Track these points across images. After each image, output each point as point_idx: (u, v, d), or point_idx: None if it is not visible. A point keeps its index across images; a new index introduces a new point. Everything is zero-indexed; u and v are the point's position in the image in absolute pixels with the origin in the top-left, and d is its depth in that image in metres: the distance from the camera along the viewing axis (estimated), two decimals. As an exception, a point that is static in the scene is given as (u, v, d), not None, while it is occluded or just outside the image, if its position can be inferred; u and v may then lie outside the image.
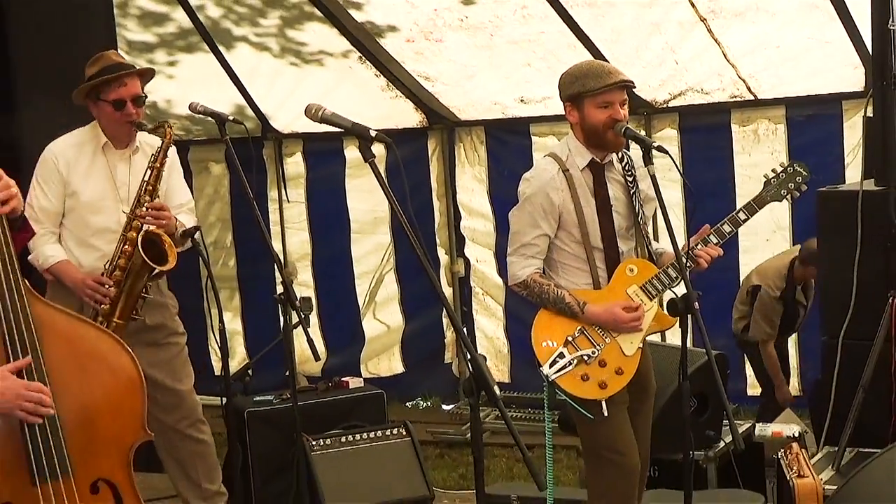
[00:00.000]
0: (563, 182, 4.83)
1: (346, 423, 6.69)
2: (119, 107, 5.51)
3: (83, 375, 3.97)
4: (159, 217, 5.38)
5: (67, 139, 5.67)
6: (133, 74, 5.56)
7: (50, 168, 5.57)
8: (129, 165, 5.61)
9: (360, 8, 8.53)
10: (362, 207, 9.46)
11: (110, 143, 5.62)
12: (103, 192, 5.59)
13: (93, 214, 5.59)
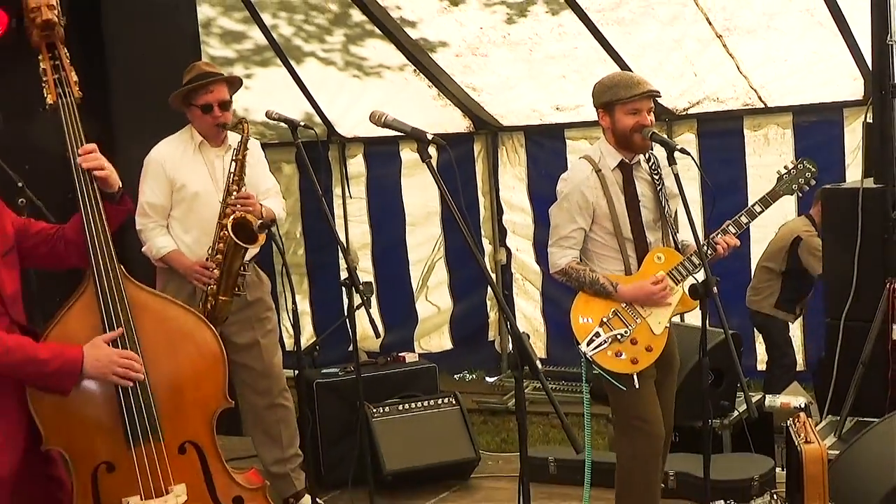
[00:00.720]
0: (596, 181, 4.83)
1: (403, 393, 6.69)
2: (207, 110, 5.54)
3: (171, 350, 3.99)
4: (246, 205, 5.42)
5: (168, 142, 5.72)
6: (220, 81, 5.59)
7: (156, 168, 5.62)
8: (223, 161, 5.63)
9: (415, 26, 8.54)
10: (416, 202, 9.48)
11: (206, 142, 5.65)
12: (203, 185, 5.63)
13: (195, 205, 5.62)
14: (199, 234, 5.63)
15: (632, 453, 4.90)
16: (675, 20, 7.75)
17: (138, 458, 3.82)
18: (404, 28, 8.55)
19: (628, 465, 4.93)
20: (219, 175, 5.63)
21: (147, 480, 3.83)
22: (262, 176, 5.88)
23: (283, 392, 5.90)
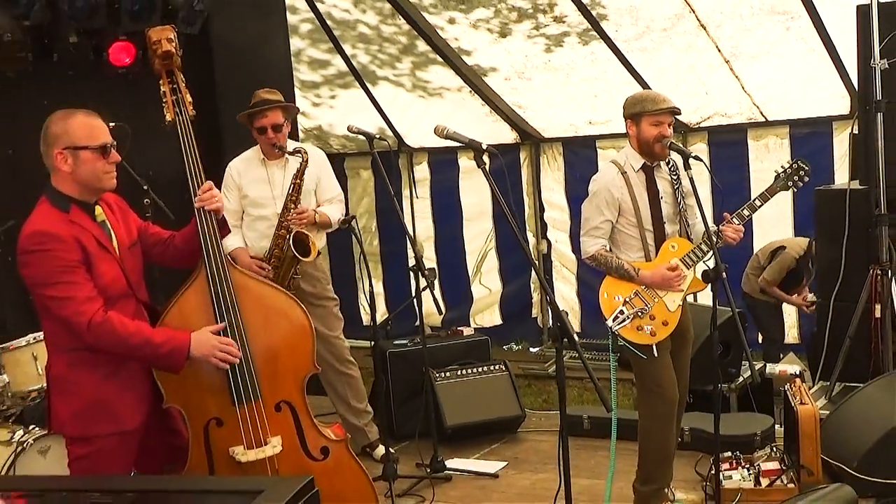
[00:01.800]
0: (622, 181, 4.82)
1: (461, 360, 6.71)
2: (261, 132, 5.61)
3: (269, 324, 4.02)
4: (301, 219, 5.46)
5: (242, 157, 5.87)
6: (274, 108, 5.60)
7: (228, 179, 5.72)
8: (283, 172, 5.66)
9: (470, 54, 8.53)
10: (471, 202, 9.47)
11: (266, 157, 5.70)
12: (262, 191, 5.69)
13: (257, 208, 5.70)
14: (258, 232, 5.73)
15: (650, 413, 4.91)
16: (690, 48, 7.69)
17: (242, 415, 3.85)
18: (461, 56, 8.55)
19: (648, 422, 4.93)
20: (277, 183, 5.68)
21: (249, 433, 3.86)
22: (328, 186, 5.89)
23: (346, 362, 5.96)
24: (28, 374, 5.22)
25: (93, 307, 3.53)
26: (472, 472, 5.95)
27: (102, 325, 3.53)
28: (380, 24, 8.60)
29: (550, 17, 7.96)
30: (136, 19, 6.67)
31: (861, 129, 5.99)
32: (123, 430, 3.69)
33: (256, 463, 3.85)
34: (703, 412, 5.62)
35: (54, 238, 3.55)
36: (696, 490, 5.26)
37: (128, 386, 3.72)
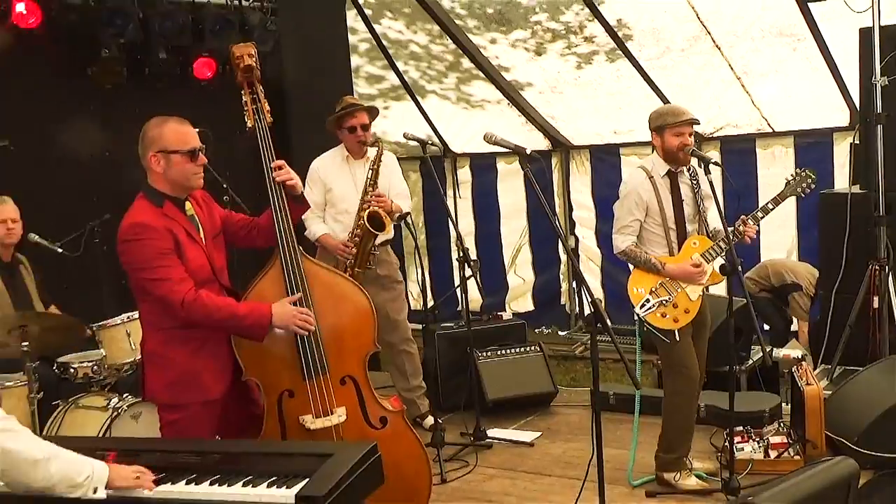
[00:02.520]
0: (649, 185, 4.81)
1: (500, 342, 6.69)
2: (352, 131, 5.63)
3: (336, 308, 4.03)
4: (379, 202, 5.46)
5: (325, 155, 5.85)
6: (362, 110, 5.65)
7: (314, 175, 5.74)
8: (363, 170, 5.67)
9: (509, 71, 8.49)
10: (508, 202, 9.42)
11: (350, 156, 5.70)
12: (347, 186, 5.71)
13: (341, 201, 5.70)
14: (342, 224, 5.72)
15: (674, 390, 4.90)
16: (706, 66, 7.61)
17: (311, 388, 3.86)
18: (501, 72, 8.50)
19: (672, 398, 4.91)
20: (358, 181, 5.70)
21: (317, 404, 3.87)
22: (396, 182, 5.91)
23: (407, 340, 5.97)
24: (122, 348, 5.24)
25: (185, 287, 3.57)
26: (510, 440, 5.94)
27: (194, 302, 3.56)
28: (429, 43, 8.58)
29: (581, 38, 7.91)
30: (217, 38, 6.72)
31: (862, 140, 5.93)
32: (208, 399, 3.71)
33: (323, 430, 3.86)
34: (716, 390, 5.55)
35: (150, 229, 3.58)
36: (711, 460, 5.21)
37: (212, 360, 3.74)
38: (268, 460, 3.15)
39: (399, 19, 8.48)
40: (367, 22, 8.48)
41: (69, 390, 5.27)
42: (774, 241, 7.85)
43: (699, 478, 4.94)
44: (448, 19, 8.14)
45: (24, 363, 4.76)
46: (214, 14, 6.72)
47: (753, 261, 7.77)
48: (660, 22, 7.45)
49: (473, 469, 5.50)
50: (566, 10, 7.74)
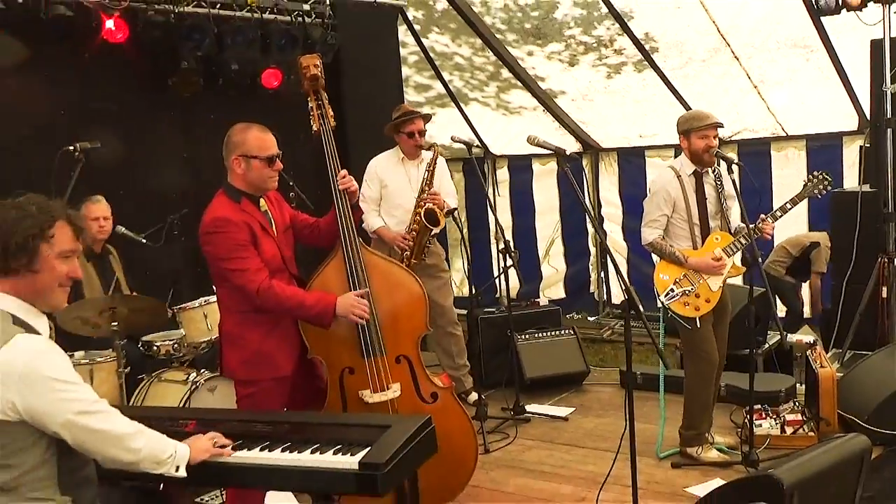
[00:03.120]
0: (677, 183, 4.75)
1: (538, 325, 6.67)
2: (410, 136, 5.60)
3: (392, 294, 4.04)
4: (433, 199, 5.44)
5: (381, 156, 5.85)
6: (419, 117, 5.63)
7: (371, 173, 5.73)
8: (417, 171, 5.65)
9: (544, 80, 8.43)
10: (542, 199, 9.37)
11: (406, 158, 5.69)
12: (402, 184, 5.70)
13: (395, 197, 5.70)
14: (396, 218, 5.71)
15: (694, 371, 4.85)
16: (725, 75, 7.50)
17: (369, 365, 3.87)
18: (537, 81, 8.44)
19: (692, 379, 4.87)
20: (412, 180, 5.71)
21: (375, 380, 3.87)
22: (446, 183, 5.90)
23: (453, 323, 5.95)
24: (199, 329, 5.28)
25: (261, 276, 3.59)
26: (546, 415, 5.92)
27: (268, 290, 3.58)
28: (472, 55, 8.54)
29: (611, 50, 7.83)
30: (282, 51, 6.73)
31: (872, 142, 5.83)
32: (279, 375, 3.73)
33: (380, 404, 3.86)
34: (736, 372, 5.49)
35: (230, 222, 3.60)
36: (731, 435, 5.15)
37: (283, 341, 3.76)
38: (333, 430, 3.15)
39: (445, 34, 8.44)
40: (416, 36, 8.46)
41: (152, 366, 5.33)
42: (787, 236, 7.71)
43: (720, 451, 4.89)
44: (489, 33, 8.10)
45: (114, 341, 4.83)
46: (280, 29, 6.73)
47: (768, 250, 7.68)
48: (683, 35, 7.36)
49: (514, 440, 5.50)
50: (598, 24, 7.66)
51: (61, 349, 2.57)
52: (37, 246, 2.52)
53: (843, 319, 5.83)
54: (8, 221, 2.50)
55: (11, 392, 2.42)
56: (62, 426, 2.49)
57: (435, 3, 8.14)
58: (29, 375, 2.43)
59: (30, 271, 2.52)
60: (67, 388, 2.49)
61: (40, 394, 2.45)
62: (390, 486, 2.90)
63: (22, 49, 5.59)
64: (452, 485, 4.09)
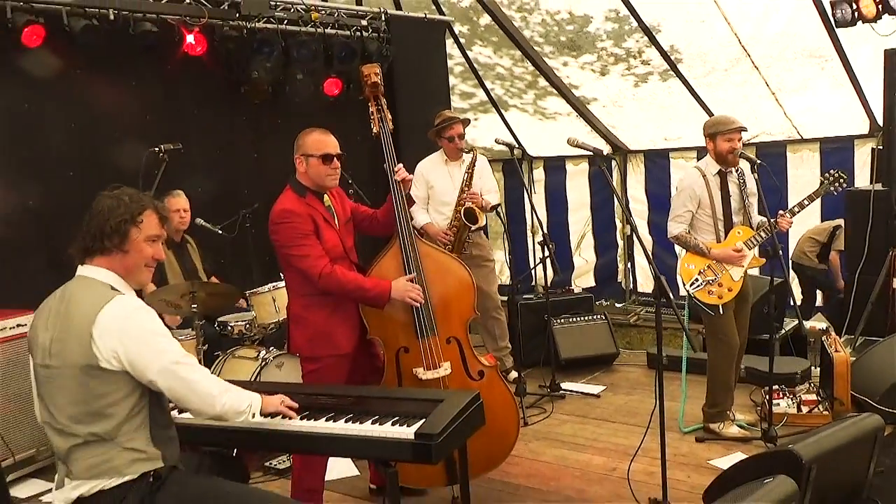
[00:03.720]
0: (702, 182, 4.66)
1: (572, 311, 6.61)
2: (451, 140, 5.58)
3: (443, 281, 4.01)
4: (472, 199, 5.41)
5: (427, 159, 5.86)
6: (458, 122, 5.60)
7: (419, 175, 5.73)
8: (459, 171, 5.62)
9: (578, 88, 8.32)
10: (574, 197, 9.24)
11: (448, 159, 5.66)
12: (446, 184, 5.68)
13: (441, 195, 5.68)
14: (443, 215, 5.70)
15: (717, 354, 4.75)
16: (745, 83, 7.34)
17: (423, 345, 3.84)
18: (571, 89, 8.34)
19: (714, 362, 4.77)
20: (455, 179, 5.68)
21: (428, 359, 3.85)
22: (487, 181, 5.85)
23: (497, 308, 5.90)
24: (268, 311, 5.30)
25: (323, 262, 3.59)
26: (580, 392, 5.86)
27: (330, 275, 3.58)
28: (512, 66, 8.46)
29: (639, 61, 7.70)
30: (342, 62, 6.73)
31: (885, 144, 5.67)
32: (340, 353, 3.73)
33: (432, 381, 3.84)
34: (755, 355, 5.38)
35: (295, 214, 3.61)
36: (751, 413, 5.06)
37: (344, 322, 3.76)
38: (391, 403, 3.14)
39: (488, 46, 8.38)
40: (462, 48, 8.41)
41: (227, 344, 5.36)
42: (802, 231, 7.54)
43: (741, 427, 4.80)
44: (528, 46, 8.02)
45: (193, 322, 4.86)
46: (341, 43, 6.73)
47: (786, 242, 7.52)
48: (707, 47, 7.22)
49: (550, 415, 5.45)
50: (628, 37, 7.55)
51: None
52: (128, 230, 2.64)
53: (854, 308, 5.68)
54: (105, 209, 2.64)
55: (115, 342, 2.51)
56: (159, 373, 2.56)
57: (479, 18, 8.09)
58: (130, 328, 2.53)
59: (121, 251, 2.64)
60: (162, 341, 2.59)
61: (140, 344, 2.53)
62: (443, 454, 2.88)
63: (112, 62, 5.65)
64: (496, 454, 4.05)
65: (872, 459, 3.64)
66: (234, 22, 6.08)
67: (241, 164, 6.68)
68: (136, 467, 2.57)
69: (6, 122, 5.26)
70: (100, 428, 2.54)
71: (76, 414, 2.54)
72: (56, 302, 2.65)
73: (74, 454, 2.56)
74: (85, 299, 2.57)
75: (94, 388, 2.52)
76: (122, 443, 2.56)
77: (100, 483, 2.55)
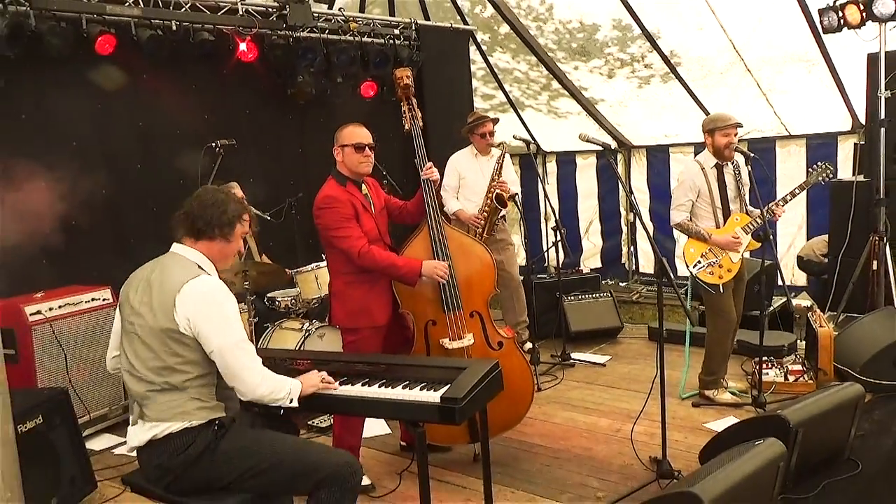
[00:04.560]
0: (701, 174, 4.56)
1: (581, 289, 6.54)
2: (482, 136, 5.49)
3: (467, 262, 3.97)
4: (501, 187, 5.34)
5: (459, 153, 5.80)
6: (489, 120, 5.52)
7: (452, 167, 5.67)
8: (488, 163, 5.56)
9: (587, 90, 8.18)
10: (583, 188, 9.08)
11: (479, 153, 5.60)
12: (476, 175, 5.61)
13: (471, 186, 5.62)
14: (474, 202, 5.61)
15: (714, 328, 4.68)
16: (739, 85, 7.17)
17: (449, 318, 3.81)
18: (581, 91, 8.20)
19: (713, 335, 4.69)
20: (484, 171, 5.61)
21: (453, 330, 3.82)
22: (512, 173, 5.79)
23: (517, 286, 5.82)
24: (311, 287, 5.30)
25: (361, 242, 3.56)
26: (588, 361, 5.80)
27: (367, 253, 3.56)
28: (528, 70, 8.35)
29: (643, 65, 7.56)
30: (378, 67, 6.67)
31: (867, 139, 5.50)
32: (376, 325, 3.70)
33: (457, 350, 3.80)
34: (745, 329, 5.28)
35: (337, 200, 3.58)
36: (742, 381, 4.98)
37: (379, 297, 3.73)
38: (420, 371, 3.11)
39: (507, 52, 8.27)
40: (483, 55, 8.31)
41: (275, 317, 5.37)
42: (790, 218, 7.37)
43: (733, 394, 4.72)
44: (543, 52, 7.90)
45: (246, 297, 4.86)
46: (376, 50, 6.67)
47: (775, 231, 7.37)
48: (704, 52, 7.07)
49: (561, 381, 5.40)
50: (631, 43, 7.41)
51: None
52: (235, 224, 2.76)
53: (837, 288, 5.54)
54: (219, 201, 2.74)
55: (190, 311, 2.57)
56: (217, 349, 2.59)
57: (499, 27, 7.98)
58: (206, 302, 2.58)
59: (225, 240, 2.75)
60: (231, 322, 2.62)
61: (210, 320, 2.58)
62: (465, 416, 2.85)
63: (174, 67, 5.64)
64: (513, 416, 4.02)
65: (853, 424, 3.57)
66: (282, 32, 6.04)
67: (287, 157, 6.65)
68: (203, 414, 2.63)
69: (83, 120, 5.27)
70: (174, 379, 2.61)
71: (154, 367, 2.61)
72: (148, 271, 2.72)
73: (150, 398, 2.62)
74: (174, 272, 2.63)
75: (173, 348, 2.59)
76: (191, 393, 2.63)
77: (170, 426, 2.61)
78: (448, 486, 3.81)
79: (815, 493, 3.27)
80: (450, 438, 3.97)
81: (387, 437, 4.50)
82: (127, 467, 4.11)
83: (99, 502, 3.84)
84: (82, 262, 5.12)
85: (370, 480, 3.85)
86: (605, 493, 3.65)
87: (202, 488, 2.64)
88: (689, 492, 2.63)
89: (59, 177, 4.98)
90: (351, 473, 2.68)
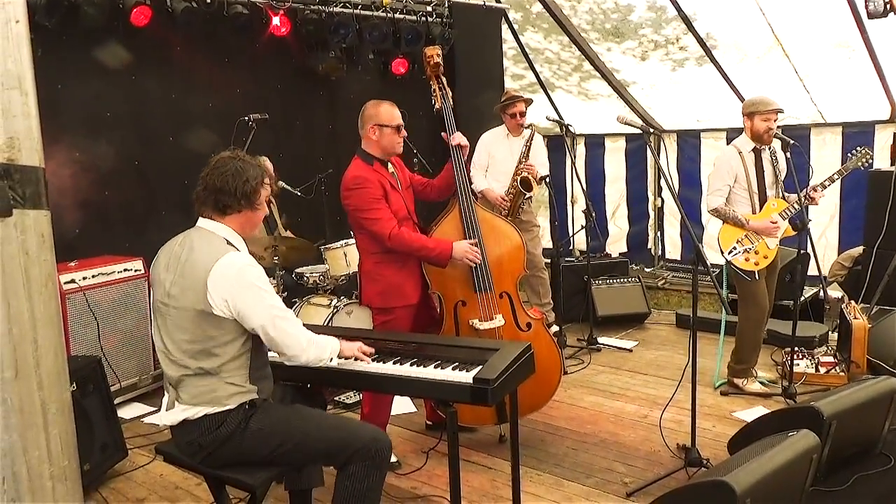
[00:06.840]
0: (738, 158, 4.48)
1: (609, 273, 6.49)
2: (513, 116, 5.43)
3: (498, 243, 3.93)
4: (529, 170, 5.28)
5: (490, 132, 5.75)
6: (521, 100, 5.46)
7: (482, 145, 5.65)
8: (519, 143, 5.51)
9: (619, 72, 8.06)
10: (611, 170, 8.96)
11: (510, 133, 5.54)
12: (505, 155, 5.56)
13: (500, 165, 5.58)
14: (501, 182, 5.56)
15: (747, 316, 4.60)
16: (775, 70, 7.00)
17: (480, 299, 3.79)
18: (613, 73, 8.08)
19: (745, 323, 4.62)
20: (514, 151, 5.55)
21: (484, 311, 3.81)
22: (539, 155, 5.73)
23: (541, 269, 5.80)
24: (339, 265, 5.29)
25: (391, 223, 3.53)
26: (614, 346, 5.76)
27: (397, 235, 3.53)
28: (560, 51, 8.24)
29: (677, 47, 7.42)
30: (409, 44, 6.61)
31: (907, 129, 5.36)
32: (407, 304, 3.69)
33: (487, 331, 3.79)
34: (776, 319, 5.21)
35: (367, 180, 3.54)
36: (772, 371, 4.92)
37: (410, 277, 3.71)
38: (452, 350, 3.09)
39: (538, 32, 8.16)
40: (515, 34, 8.20)
41: (303, 292, 5.37)
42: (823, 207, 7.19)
43: (763, 384, 4.67)
44: (575, 32, 7.79)
45: (275, 272, 4.87)
46: (408, 26, 6.60)
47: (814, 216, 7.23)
48: (741, 35, 6.92)
49: (587, 365, 5.37)
50: (666, 25, 7.27)
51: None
52: (259, 190, 2.68)
53: (871, 280, 5.42)
54: (237, 170, 2.63)
55: (226, 293, 2.53)
56: (262, 323, 2.58)
57: (531, 6, 7.86)
58: (240, 281, 2.53)
59: (251, 208, 2.67)
60: (267, 296, 2.59)
61: (247, 297, 2.54)
62: (497, 398, 2.83)
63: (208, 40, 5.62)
64: (540, 398, 4.01)
65: (887, 418, 3.51)
66: (315, 6, 6.00)
67: (317, 133, 6.63)
68: (235, 399, 2.63)
69: (118, 92, 5.29)
70: (207, 364, 2.59)
71: (189, 350, 2.59)
72: (178, 247, 2.66)
73: (184, 382, 2.62)
74: (203, 251, 2.58)
75: (206, 330, 2.56)
76: (224, 378, 2.62)
77: (204, 409, 2.62)
78: (474, 467, 3.82)
79: (846, 487, 3.23)
80: (477, 419, 3.96)
81: (413, 415, 4.52)
82: (157, 436, 4.17)
83: (130, 469, 3.89)
84: (115, 233, 5.16)
85: (396, 458, 3.86)
86: (632, 478, 3.63)
87: (234, 463, 2.66)
88: (722, 480, 2.60)
89: (92, 147, 5.00)
90: (380, 448, 2.69)
